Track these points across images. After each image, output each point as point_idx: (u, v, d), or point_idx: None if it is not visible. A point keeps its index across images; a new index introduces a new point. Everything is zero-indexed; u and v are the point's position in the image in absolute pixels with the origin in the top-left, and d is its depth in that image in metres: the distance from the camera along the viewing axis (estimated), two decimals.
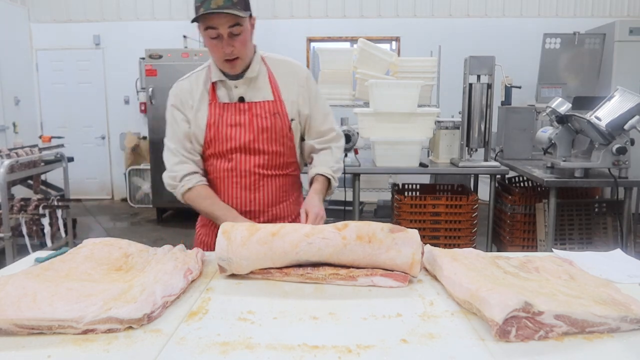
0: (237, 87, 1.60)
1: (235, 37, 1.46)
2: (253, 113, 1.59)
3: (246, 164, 1.61)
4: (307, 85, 1.66)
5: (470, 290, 1.05)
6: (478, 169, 3.59)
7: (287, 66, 1.67)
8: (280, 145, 1.63)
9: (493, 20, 6.49)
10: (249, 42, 1.53)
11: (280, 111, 1.61)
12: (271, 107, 1.60)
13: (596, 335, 0.96)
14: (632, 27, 5.22)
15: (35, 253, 1.47)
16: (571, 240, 3.55)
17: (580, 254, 1.47)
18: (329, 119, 1.73)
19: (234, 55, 1.50)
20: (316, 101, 1.69)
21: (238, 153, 1.61)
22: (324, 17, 6.49)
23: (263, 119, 1.59)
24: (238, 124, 1.59)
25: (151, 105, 5.60)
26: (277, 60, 1.67)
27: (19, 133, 6.16)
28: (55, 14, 6.77)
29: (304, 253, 1.24)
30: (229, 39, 1.46)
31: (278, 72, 1.64)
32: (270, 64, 1.65)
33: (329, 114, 1.73)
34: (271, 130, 1.60)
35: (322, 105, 1.71)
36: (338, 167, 1.71)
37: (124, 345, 0.93)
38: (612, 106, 2.80)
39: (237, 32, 1.45)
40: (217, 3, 1.40)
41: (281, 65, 1.66)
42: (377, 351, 0.90)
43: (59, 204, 3.97)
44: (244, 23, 1.46)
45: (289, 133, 1.63)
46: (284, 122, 1.61)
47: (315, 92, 1.69)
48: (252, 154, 1.61)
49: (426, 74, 4.01)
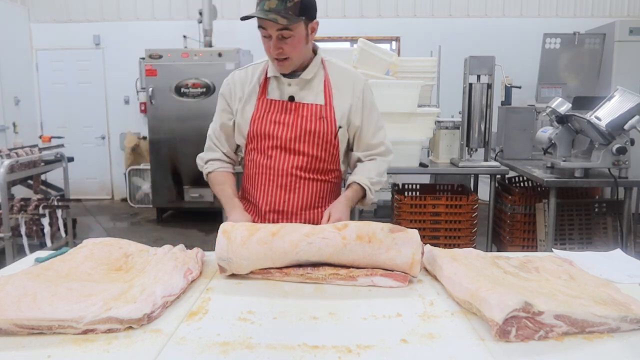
0: (290, 86, 1.60)
1: (285, 39, 1.46)
2: (299, 114, 1.58)
3: (284, 163, 1.60)
4: (362, 96, 1.64)
5: (470, 290, 1.05)
6: (478, 169, 3.59)
7: (346, 74, 1.66)
8: (322, 151, 1.60)
9: (493, 20, 6.48)
10: (302, 45, 1.51)
11: (328, 116, 1.59)
12: (319, 111, 1.58)
13: (596, 335, 0.96)
14: (632, 27, 5.22)
15: (35, 253, 1.47)
16: (571, 240, 3.55)
17: (580, 254, 1.47)
18: (380, 134, 1.70)
19: (283, 56, 1.50)
20: (370, 114, 1.66)
21: (277, 150, 1.60)
22: (324, 17, 6.49)
23: (308, 121, 1.57)
24: (282, 122, 1.58)
25: (151, 105, 5.60)
26: (338, 67, 1.67)
27: (19, 133, 6.16)
28: (55, 14, 6.77)
29: (304, 253, 1.24)
30: (277, 41, 1.46)
31: (335, 78, 1.63)
32: (330, 69, 1.64)
33: (381, 129, 1.71)
34: (315, 133, 1.58)
35: (375, 118, 1.69)
36: (378, 180, 1.68)
37: (124, 345, 0.93)
38: (612, 106, 2.80)
39: (286, 35, 1.45)
40: (270, 5, 1.40)
41: (340, 72, 1.65)
42: (377, 351, 0.90)
43: (59, 204, 3.97)
44: (296, 28, 1.45)
45: (333, 140, 1.60)
46: (330, 128, 1.59)
47: (371, 104, 1.67)
48: (292, 153, 1.59)
49: (426, 74, 4.00)
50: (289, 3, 1.41)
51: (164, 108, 5.60)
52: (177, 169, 5.71)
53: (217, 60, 5.38)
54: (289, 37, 1.45)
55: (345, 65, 1.70)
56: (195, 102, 5.54)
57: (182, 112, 5.57)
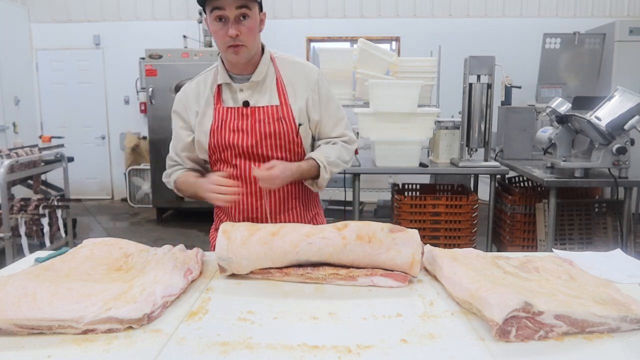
0: (242, 91, 1.54)
1: (242, 21, 1.40)
2: (256, 118, 1.52)
3: (250, 170, 1.54)
4: (317, 89, 1.58)
5: (470, 290, 1.05)
6: (478, 169, 3.59)
7: (298, 68, 1.59)
8: (286, 152, 1.55)
9: (493, 20, 6.48)
10: (256, 31, 1.46)
11: (285, 116, 1.53)
12: (276, 112, 1.53)
13: (596, 335, 0.96)
14: (632, 27, 5.22)
15: (35, 253, 1.47)
16: (571, 240, 3.55)
17: (580, 254, 1.47)
18: (340, 125, 1.63)
19: (239, 41, 1.42)
20: (327, 105, 1.60)
21: (241, 159, 1.55)
22: (323, 17, 6.49)
23: (266, 124, 1.52)
24: (241, 129, 1.52)
25: (151, 105, 5.60)
26: (288, 62, 1.60)
27: (19, 133, 6.16)
28: (55, 14, 6.77)
29: (304, 253, 1.24)
30: (235, 23, 1.39)
31: (287, 74, 1.57)
32: (280, 65, 1.58)
33: (341, 120, 1.63)
34: (275, 136, 1.52)
35: (334, 110, 1.61)
36: (336, 162, 1.58)
37: (124, 345, 0.93)
38: (612, 106, 2.80)
39: (245, 16, 1.39)
40: None
41: (291, 67, 1.58)
42: (377, 351, 0.90)
43: (59, 204, 3.97)
44: (253, 9, 1.41)
45: (295, 138, 1.55)
46: (290, 127, 1.53)
47: (327, 96, 1.60)
48: (256, 160, 1.54)
49: (426, 74, 4.01)
50: None
51: (164, 108, 5.58)
52: None
53: (217, 60, 5.38)
54: (247, 18, 1.40)
55: (295, 59, 1.62)
56: None
57: None
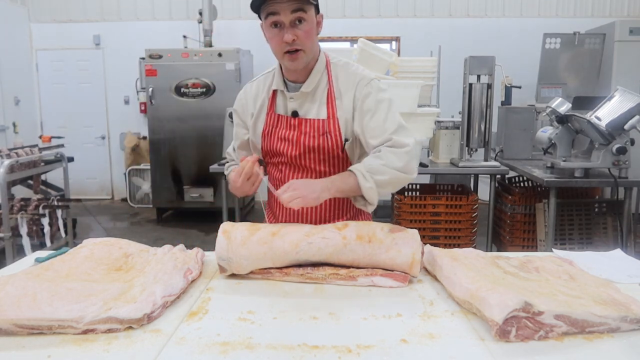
0: (292, 99, 1.48)
1: (298, 25, 1.33)
2: (302, 131, 1.47)
3: (294, 179, 1.52)
4: (361, 101, 1.44)
5: (470, 290, 1.05)
6: (478, 169, 3.59)
7: (350, 79, 1.47)
8: (330, 166, 1.50)
9: (493, 20, 6.48)
10: (314, 35, 1.39)
11: (332, 130, 1.45)
12: (322, 126, 1.46)
13: (596, 335, 0.96)
14: (632, 27, 5.22)
15: (35, 253, 1.47)
16: (571, 240, 3.55)
17: (580, 254, 1.47)
18: (386, 133, 1.41)
19: (296, 46, 1.35)
20: (373, 116, 1.42)
21: (286, 166, 1.54)
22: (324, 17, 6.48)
23: (311, 137, 1.46)
24: (287, 138, 1.49)
25: (151, 105, 5.60)
26: (343, 71, 1.49)
27: (19, 133, 6.16)
28: (55, 14, 6.77)
29: (304, 253, 1.24)
30: (291, 27, 1.33)
31: (339, 85, 1.47)
32: (335, 75, 1.49)
33: (387, 129, 1.41)
34: (319, 150, 1.47)
35: (380, 120, 1.42)
36: (379, 168, 1.36)
37: (124, 345, 0.93)
38: (612, 106, 2.80)
39: (301, 19, 1.32)
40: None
41: (343, 76, 1.48)
42: (377, 351, 0.90)
43: (59, 204, 3.97)
44: (309, 11, 1.34)
45: (341, 154, 1.47)
46: (335, 142, 1.45)
47: (374, 107, 1.43)
48: (301, 170, 1.52)
49: (426, 74, 4.00)
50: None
51: (164, 108, 5.60)
52: (177, 169, 5.71)
53: (217, 60, 5.39)
54: (303, 21, 1.33)
55: (351, 67, 1.51)
56: (195, 102, 5.54)
57: (182, 112, 5.58)
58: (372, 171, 1.36)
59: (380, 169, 1.36)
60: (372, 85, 1.46)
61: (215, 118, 5.35)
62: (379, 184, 1.36)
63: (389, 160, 1.37)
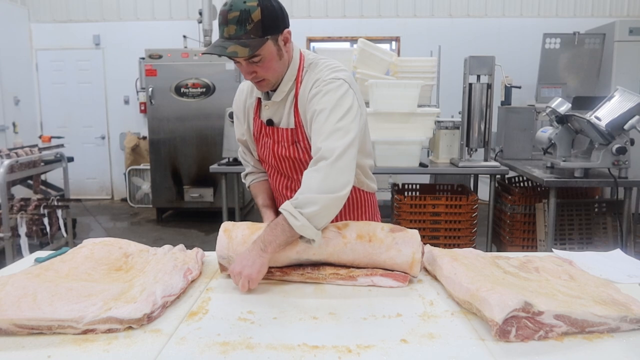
0: (267, 107, 1.48)
1: (257, 63, 1.33)
2: (274, 139, 1.48)
3: (279, 184, 1.57)
4: (310, 101, 1.38)
5: (470, 290, 1.05)
6: (478, 169, 3.59)
7: (309, 79, 1.42)
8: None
9: (493, 20, 6.48)
10: (274, 63, 1.35)
11: (300, 139, 1.44)
12: (291, 135, 1.45)
13: (596, 335, 0.96)
14: (632, 27, 5.22)
15: (35, 253, 1.47)
16: (571, 240, 3.55)
17: (580, 254, 1.47)
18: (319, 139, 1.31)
19: (258, 79, 1.37)
20: (318, 116, 1.34)
21: (274, 172, 1.57)
22: (324, 17, 6.49)
23: (283, 147, 1.47)
24: (267, 145, 1.52)
25: (151, 105, 5.60)
26: (309, 71, 1.44)
27: (19, 133, 6.15)
28: (55, 14, 6.77)
29: (304, 252, 1.24)
30: (248, 66, 1.33)
31: (304, 91, 1.41)
32: (305, 81, 1.43)
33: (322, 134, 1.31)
34: (291, 159, 1.48)
35: (322, 121, 1.32)
36: (305, 199, 1.21)
37: (124, 345, 0.93)
38: (612, 106, 2.80)
39: (256, 60, 1.31)
40: (229, 32, 1.27)
41: (307, 78, 1.43)
42: (377, 351, 0.90)
43: (59, 204, 3.97)
44: (263, 50, 1.30)
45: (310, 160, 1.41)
46: (305, 150, 1.44)
47: (318, 109, 1.34)
48: (282, 176, 1.55)
49: (426, 74, 4.00)
50: (249, 25, 1.25)
51: (164, 108, 5.60)
52: (177, 169, 5.71)
53: (217, 60, 5.38)
54: (257, 60, 1.32)
55: (318, 67, 1.43)
56: (195, 102, 5.54)
57: (182, 112, 5.58)
58: (300, 205, 1.21)
59: (308, 198, 1.22)
60: (322, 84, 1.37)
61: (215, 118, 5.35)
62: (310, 217, 1.20)
63: (313, 182, 1.24)
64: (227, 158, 3.84)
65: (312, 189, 1.23)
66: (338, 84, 1.36)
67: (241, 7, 1.25)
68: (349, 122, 1.32)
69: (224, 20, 1.27)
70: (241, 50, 1.26)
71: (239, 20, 1.25)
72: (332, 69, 1.40)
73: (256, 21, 1.26)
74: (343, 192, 1.24)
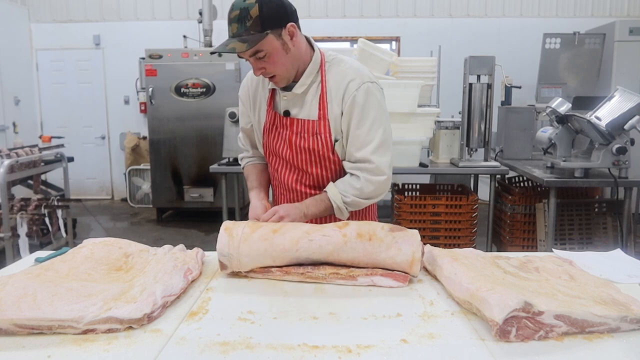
0: (285, 99, 1.50)
1: (262, 58, 1.37)
2: (293, 130, 1.49)
3: (288, 178, 1.57)
4: (352, 101, 1.44)
5: (470, 290, 1.05)
6: (478, 169, 3.59)
7: (343, 79, 1.46)
8: (321, 168, 1.52)
9: (493, 20, 6.49)
10: (281, 57, 1.38)
11: (322, 132, 1.47)
12: (312, 127, 1.47)
13: (596, 335, 0.96)
14: (632, 27, 5.23)
15: (35, 253, 1.47)
16: (571, 240, 3.55)
17: (580, 254, 1.47)
18: (367, 148, 1.45)
19: (268, 74, 1.42)
20: (358, 123, 1.45)
21: (282, 166, 1.57)
22: (324, 17, 6.49)
23: (302, 138, 1.48)
24: (283, 137, 1.52)
25: (151, 105, 5.60)
26: (338, 71, 1.48)
27: (19, 133, 6.15)
28: (55, 14, 6.77)
29: (305, 250, 1.24)
30: (256, 62, 1.38)
31: (332, 86, 1.47)
32: (330, 75, 1.48)
33: (370, 142, 1.45)
34: (310, 151, 1.49)
35: (365, 130, 1.45)
36: (353, 200, 1.47)
37: (124, 345, 0.93)
38: (612, 106, 2.80)
39: (260, 55, 1.36)
40: (233, 30, 1.33)
41: (336, 75, 1.47)
42: (377, 351, 0.90)
43: (59, 204, 3.97)
44: (265, 45, 1.34)
45: (331, 156, 1.49)
46: (325, 144, 1.47)
47: (362, 113, 1.44)
48: (294, 170, 1.55)
49: (426, 74, 4.01)
50: (248, 22, 1.31)
51: (164, 108, 5.60)
52: (177, 169, 5.71)
53: (217, 60, 5.38)
54: (263, 56, 1.36)
55: (344, 66, 1.49)
56: (195, 102, 5.54)
57: (182, 112, 5.58)
58: (349, 204, 1.49)
59: (357, 202, 1.49)
60: (362, 89, 1.45)
61: (215, 118, 5.35)
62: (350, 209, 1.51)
63: (362, 190, 1.48)
64: (227, 158, 3.84)
65: (363, 194, 1.48)
66: (377, 87, 1.49)
67: (241, 5, 1.32)
68: (389, 133, 1.51)
69: (228, 20, 1.35)
70: (239, 46, 1.32)
71: (240, 18, 1.32)
72: (363, 69, 1.51)
73: (254, 17, 1.31)
74: (378, 198, 1.55)
